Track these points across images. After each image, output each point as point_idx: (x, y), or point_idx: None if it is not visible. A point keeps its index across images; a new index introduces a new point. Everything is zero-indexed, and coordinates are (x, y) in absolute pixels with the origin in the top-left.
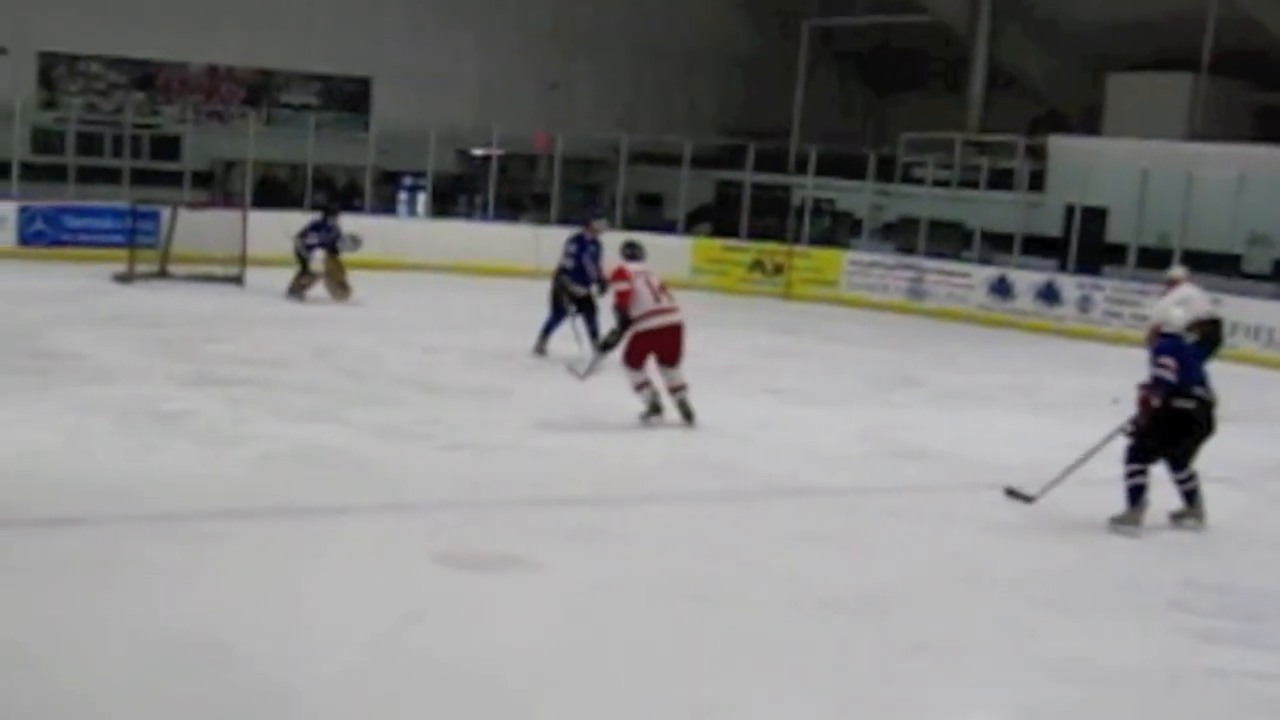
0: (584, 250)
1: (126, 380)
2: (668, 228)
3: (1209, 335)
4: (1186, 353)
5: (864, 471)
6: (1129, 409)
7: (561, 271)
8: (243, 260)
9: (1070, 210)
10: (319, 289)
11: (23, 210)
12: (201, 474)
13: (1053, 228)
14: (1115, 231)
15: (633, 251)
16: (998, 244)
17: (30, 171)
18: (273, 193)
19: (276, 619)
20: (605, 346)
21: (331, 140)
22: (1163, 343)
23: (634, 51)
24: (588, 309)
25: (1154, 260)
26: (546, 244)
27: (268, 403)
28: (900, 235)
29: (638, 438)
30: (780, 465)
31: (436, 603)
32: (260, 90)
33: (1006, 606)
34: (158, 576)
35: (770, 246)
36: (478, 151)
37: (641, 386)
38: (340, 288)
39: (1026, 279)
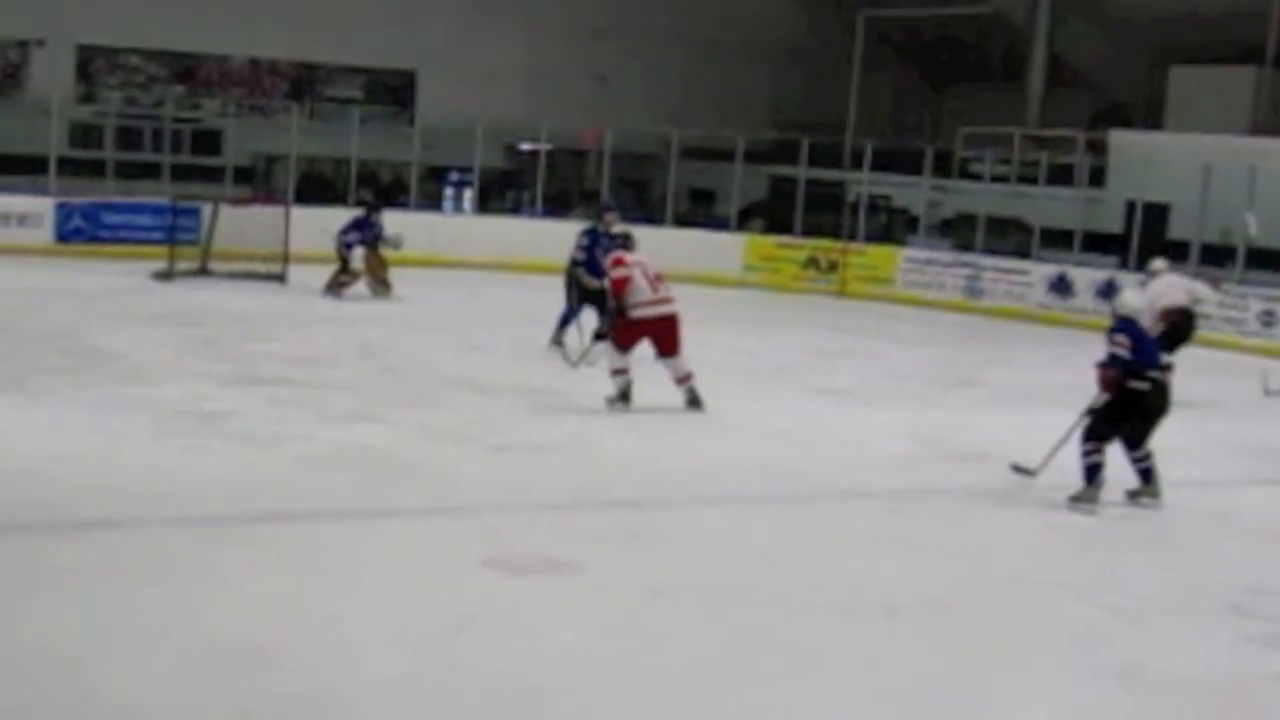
0: (596, 243)
1: (166, 380)
2: (720, 224)
3: (1178, 325)
4: (1141, 335)
5: (920, 473)
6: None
7: (574, 264)
8: (285, 258)
9: (1131, 206)
10: (359, 286)
11: (60, 207)
12: (243, 476)
13: (1113, 224)
14: (1177, 228)
15: (626, 242)
16: (1057, 241)
17: (68, 167)
18: (316, 188)
19: (320, 624)
20: (599, 336)
21: (376, 135)
22: (1118, 323)
23: (685, 44)
24: (599, 302)
25: (1217, 257)
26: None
27: (311, 403)
28: (957, 232)
29: (689, 438)
30: (834, 467)
31: (483, 607)
32: (303, 84)
33: (1065, 611)
34: (198, 580)
35: (824, 243)
36: (525, 146)
37: (619, 372)
38: (381, 284)
39: (1087, 277)
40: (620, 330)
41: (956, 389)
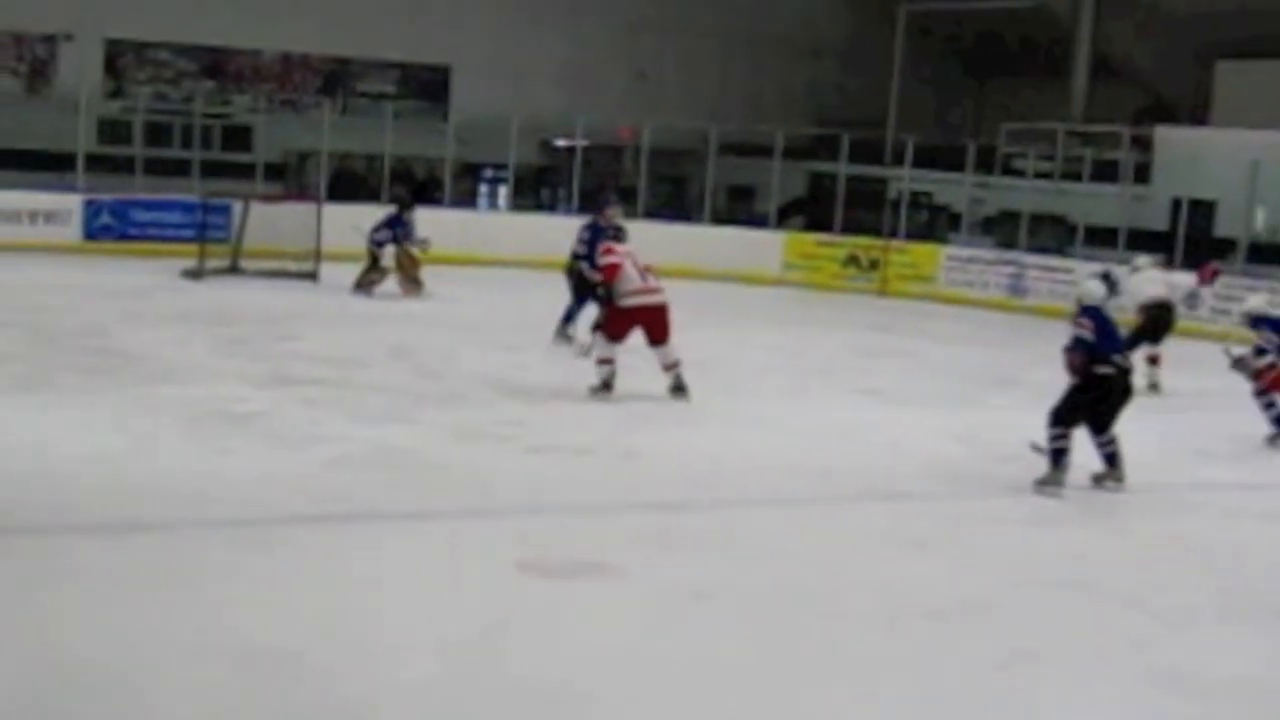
0: (598, 237)
1: (197, 380)
2: (758, 221)
3: (1156, 319)
4: (1105, 322)
5: (963, 475)
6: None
7: (575, 258)
8: (317, 255)
9: (1177, 203)
10: (389, 284)
11: (88, 203)
12: (275, 477)
13: (1159, 221)
14: (1224, 225)
15: (618, 234)
16: (1101, 239)
17: (96, 163)
18: (348, 185)
19: (352, 628)
20: (598, 326)
21: (409, 131)
22: (1083, 309)
23: (724, 38)
24: (600, 295)
25: (1265, 255)
26: (633, 238)
27: (343, 403)
28: (1000, 229)
29: (727, 439)
30: (876, 468)
31: (519, 612)
32: (336, 79)
33: (1112, 614)
34: (229, 584)
35: (865, 241)
36: (561, 143)
37: (605, 361)
38: (412, 283)
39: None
40: (612, 320)
41: (999, 389)
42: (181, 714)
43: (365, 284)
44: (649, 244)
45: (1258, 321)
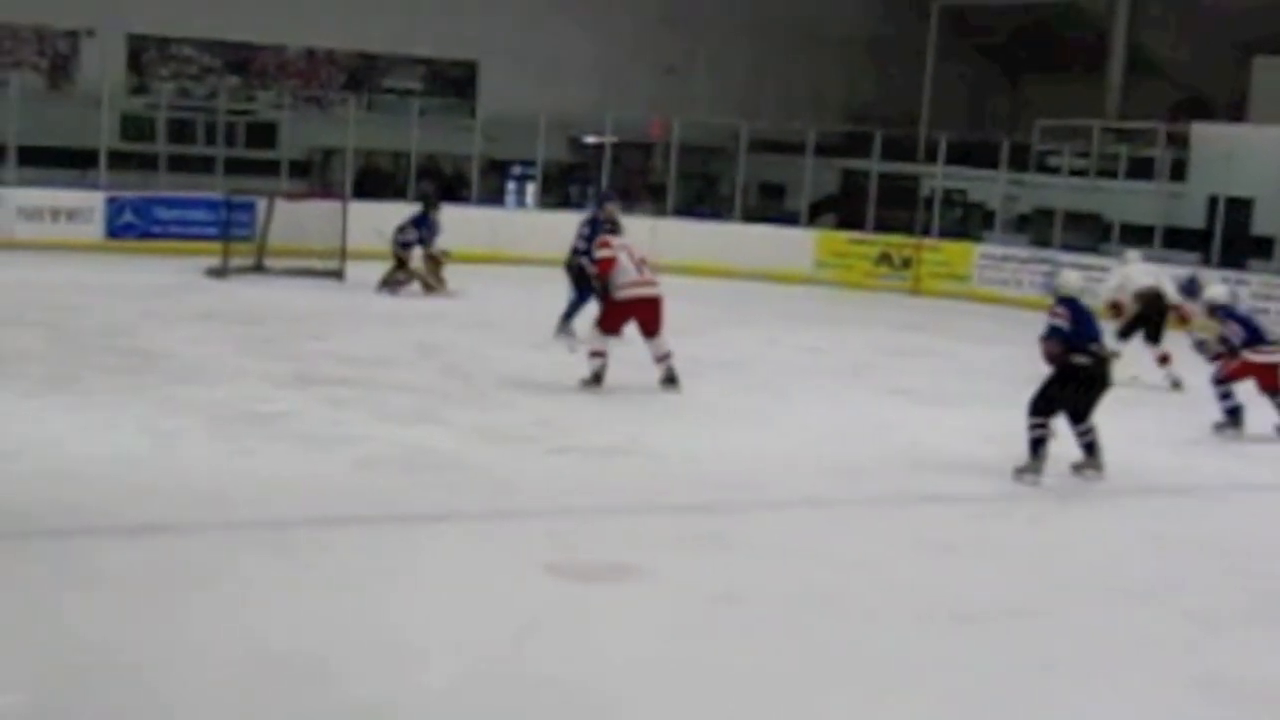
0: (597, 232)
1: (221, 380)
2: (790, 219)
3: (1149, 307)
4: (1081, 312)
5: (997, 476)
6: None
7: (575, 253)
8: (343, 254)
9: (1214, 201)
10: (413, 284)
11: (111, 201)
12: (300, 479)
13: (1195, 219)
14: (1261, 223)
15: (613, 227)
16: (1137, 236)
17: (119, 160)
18: (374, 182)
19: (378, 631)
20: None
21: (436, 127)
22: (1059, 299)
23: (755, 34)
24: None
25: None
26: (664, 236)
27: (369, 403)
28: (1035, 227)
29: (757, 439)
30: (908, 469)
31: (546, 614)
32: (361, 74)
33: (1150, 619)
34: (253, 587)
35: (898, 239)
36: (590, 139)
37: (597, 354)
38: (436, 281)
39: (1168, 273)
40: (607, 313)
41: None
42: (201, 716)
43: (391, 283)
44: (679, 242)
45: (1216, 310)
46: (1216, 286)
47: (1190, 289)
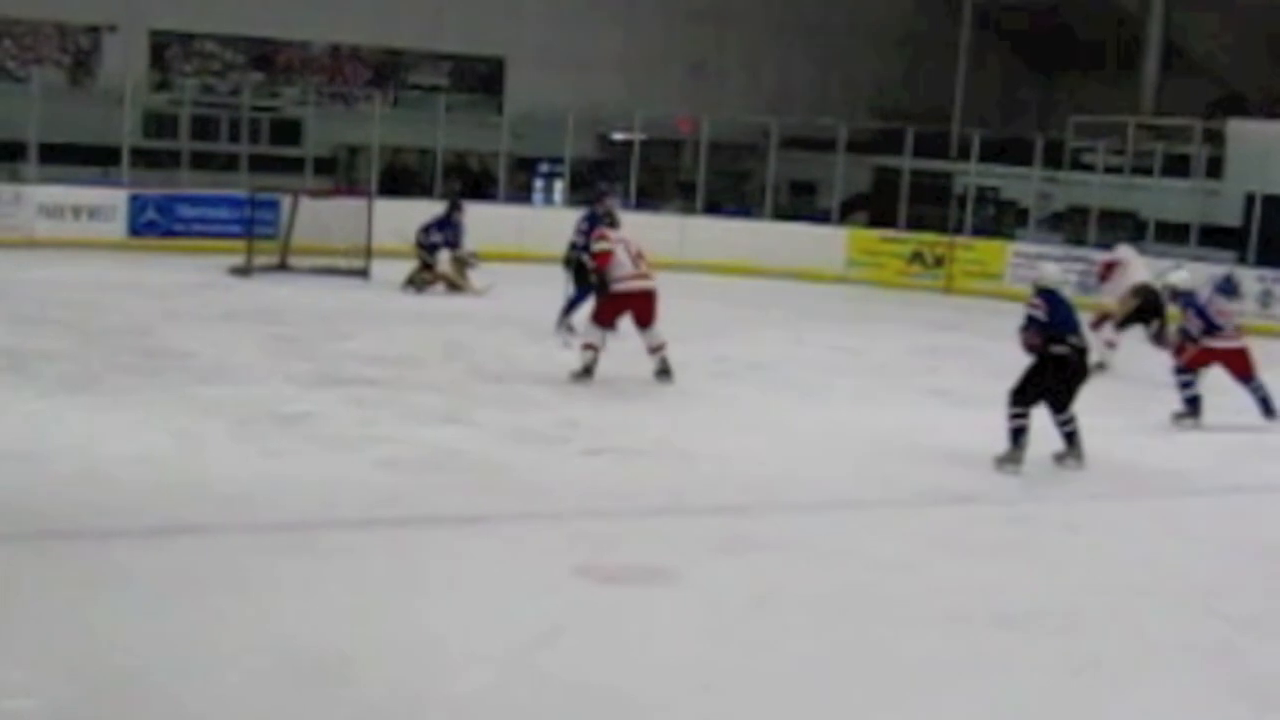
0: (595, 227)
1: (245, 380)
2: (821, 217)
3: (1147, 300)
4: (1059, 303)
5: (1033, 478)
6: None
7: (573, 248)
8: (368, 252)
9: (1250, 199)
10: (438, 284)
11: (133, 199)
12: (325, 480)
13: (1231, 217)
14: None
15: (611, 220)
16: (1173, 234)
17: (141, 157)
18: (400, 180)
19: (405, 635)
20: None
21: (463, 124)
22: (1038, 291)
23: (785, 30)
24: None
25: None
26: (693, 234)
27: (395, 404)
28: (1069, 225)
29: (789, 441)
30: (943, 471)
31: (576, 618)
32: (387, 71)
33: (1189, 623)
34: (278, 589)
35: (930, 237)
36: (618, 136)
37: (589, 348)
38: (461, 280)
39: (1203, 272)
40: (603, 306)
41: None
42: (228, 718)
43: (418, 282)
44: (709, 240)
45: (1177, 296)
46: (1179, 272)
47: (1227, 288)
